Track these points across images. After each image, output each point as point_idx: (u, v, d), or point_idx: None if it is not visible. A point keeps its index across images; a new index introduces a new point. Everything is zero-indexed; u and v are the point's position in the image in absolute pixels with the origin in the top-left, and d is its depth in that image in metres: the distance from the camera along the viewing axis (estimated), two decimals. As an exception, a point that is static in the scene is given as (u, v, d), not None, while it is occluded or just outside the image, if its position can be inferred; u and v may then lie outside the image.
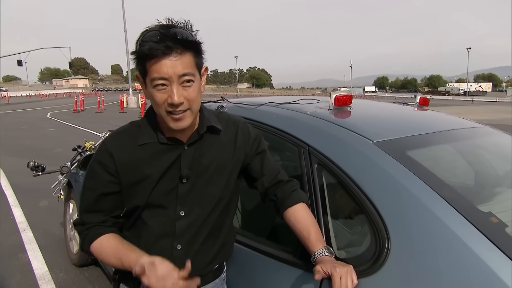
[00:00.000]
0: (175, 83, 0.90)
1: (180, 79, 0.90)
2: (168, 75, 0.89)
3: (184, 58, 0.90)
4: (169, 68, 0.88)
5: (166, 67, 0.88)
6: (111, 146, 1.01)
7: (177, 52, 0.89)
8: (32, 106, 25.15)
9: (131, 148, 1.00)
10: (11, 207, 4.32)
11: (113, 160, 0.99)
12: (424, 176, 1.03)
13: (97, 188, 1.01)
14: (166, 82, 0.90)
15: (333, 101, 1.49)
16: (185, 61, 0.90)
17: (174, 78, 0.90)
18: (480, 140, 1.59)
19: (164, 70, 0.88)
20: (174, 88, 0.90)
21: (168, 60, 0.88)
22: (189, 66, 0.91)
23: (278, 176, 1.13)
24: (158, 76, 0.89)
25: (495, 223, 0.96)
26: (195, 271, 1.07)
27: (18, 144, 8.92)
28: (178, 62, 0.89)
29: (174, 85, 0.90)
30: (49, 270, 2.87)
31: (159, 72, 0.88)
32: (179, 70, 0.89)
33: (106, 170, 1.00)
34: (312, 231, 1.02)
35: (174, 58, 0.88)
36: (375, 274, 0.92)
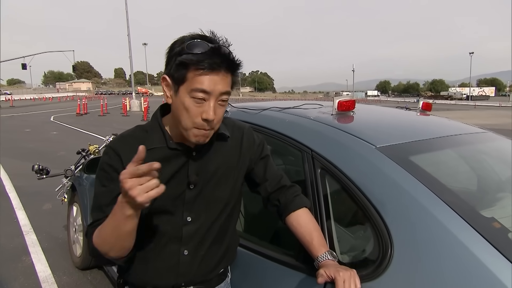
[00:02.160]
0: (213, 99, 0.90)
1: (218, 97, 0.91)
2: (211, 90, 0.89)
3: (228, 77, 0.92)
4: (213, 84, 0.89)
5: (211, 83, 0.88)
6: (119, 148, 0.99)
7: (224, 71, 0.90)
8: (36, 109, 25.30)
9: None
10: (15, 209, 4.34)
11: (121, 161, 0.97)
12: (427, 181, 1.04)
13: (113, 189, 0.96)
14: (205, 97, 0.89)
15: (336, 106, 1.50)
16: (227, 80, 0.92)
17: (215, 95, 0.90)
18: (482, 146, 1.60)
19: (209, 84, 0.88)
20: (212, 104, 0.90)
21: (215, 76, 0.89)
22: (228, 85, 0.93)
23: (281, 181, 1.13)
24: (201, 88, 0.88)
25: (497, 228, 0.96)
26: (202, 276, 1.08)
27: (22, 147, 8.97)
28: (222, 80, 0.90)
29: (212, 101, 0.90)
30: (53, 273, 2.88)
31: (203, 85, 0.88)
32: (221, 88, 0.90)
33: (115, 170, 0.96)
34: (315, 235, 1.03)
35: (220, 76, 0.89)
36: (378, 279, 0.93)
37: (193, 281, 1.07)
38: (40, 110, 24.45)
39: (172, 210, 1.01)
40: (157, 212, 1.00)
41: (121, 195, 0.81)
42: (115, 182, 0.96)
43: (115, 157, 0.98)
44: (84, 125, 14.16)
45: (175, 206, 1.01)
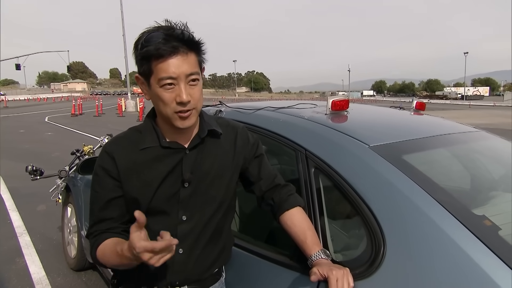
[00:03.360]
0: (182, 82, 0.92)
1: (187, 78, 0.93)
2: (176, 74, 0.91)
3: (190, 58, 0.93)
4: (177, 68, 0.90)
5: (174, 67, 0.90)
6: (113, 151, 1.01)
7: (183, 52, 0.91)
8: (30, 110, 25.12)
9: (132, 153, 1.00)
10: (9, 211, 4.30)
11: (115, 165, 0.99)
12: (420, 180, 1.05)
13: (104, 194, 1.00)
14: (174, 82, 0.91)
15: (330, 106, 1.51)
16: (191, 61, 0.93)
17: (182, 77, 0.92)
18: (475, 144, 1.61)
19: (172, 69, 0.90)
20: (182, 87, 0.92)
21: (175, 59, 0.90)
22: (194, 66, 0.94)
23: (275, 180, 1.14)
24: (166, 76, 0.90)
25: (488, 226, 0.97)
26: (196, 275, 1.08)
27: (16, 148, 8.90)
28: (185, 62, 0.91)
29: (182, 84, 0.92)
30: (47, 275, 2.86)
31: (167, 72, 0.90)
32: (186, 69, 0.92)
33: (109, 175, 1.00)
34: (308, 234, 1.03)
35: (181, 58, 0.91)
36: (371, 277, 0.93)
37: (187, 280, 1.07)
38: (35, 110, 24.27)
39: (167, 209, 1.02)
40: (153, 211, 1.01)
41: (130, 249, 0.80)
42: (107, 187, 1.00)
43: (108, 161, 1.00)
44: (79, 126, 14.08)
45: (170, 205, 1.02)
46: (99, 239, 0.99)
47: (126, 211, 1.03)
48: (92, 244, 1.00)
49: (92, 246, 1.00)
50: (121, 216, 1.02)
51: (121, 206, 1.02)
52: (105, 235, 0.99)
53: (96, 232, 1.00)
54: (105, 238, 0.98)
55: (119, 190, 1.00)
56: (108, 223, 1.01)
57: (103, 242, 0.98)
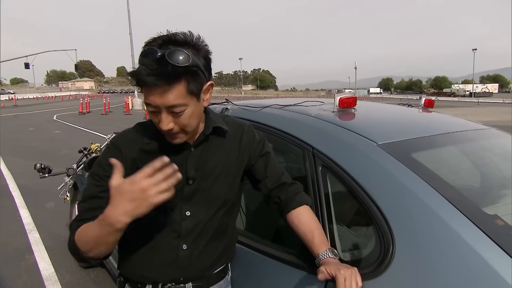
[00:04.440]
0: (164, 112, 0.90)
1: (168, 109, 0.89)
2: (156, 104, 0.88)
3: (175, 89, 0.86)
4: (157, 99, 0.87)
5: (154, 97, 0.87)
6: (119, 143, 1.02)
7: (167, 82, 0.85)
8: (39, 108, 25.39)
9: (138, 147, 1.01)
10: (18, 208, 4.36)
11: (121, 156, 0.99)
12: (429, 178, 1.03)
13: (103, 183, 0.97)
14: (155, 109, 0.90)
15: (338, 103, 1.49)
16: (176, 92, 0.87)
17: (162, 108, 0.89)
18: (485, 142, 1.58)
19: (152, 99, 0.88)
20: (163, 117, 0.90)
21: (156, 91, 0.86)
22: (179, 97, 0.88)
23: (281, 178, 1.13)
24: (147, 103, 0.89)
25: (501, 225, 0.95)
26: (200, 272, 1.08)
27: (25, 146, 9.01)
28: (168, 94, 0.86)
29: (163, 114, 0.90)
30: (56, 271, 2.89)
31: (148, 100, 0.89)
32: (168, 102, 0.87)
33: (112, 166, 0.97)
34: (316, 233, 1.03)
35: (163, 89, 0.86)
36: (379, 277, 0.92)
37: (192, 277, 1.07)
38: (43, 109, 24.53)
39: (171, 205, 1.02)
40: (156, 207, 1.00)
41: (112, 209, 0.81)
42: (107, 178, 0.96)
43: (115, 151, 1.00)
44: (87, 124, 14.20)
45: (174, 201, 1.01)
46: (80, 224, 0.93)
47: None
48: (73, 229, 0.94)
49: (72, 231, 0.94)
50: None
51: None
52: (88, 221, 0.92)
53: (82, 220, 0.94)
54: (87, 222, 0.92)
55: None
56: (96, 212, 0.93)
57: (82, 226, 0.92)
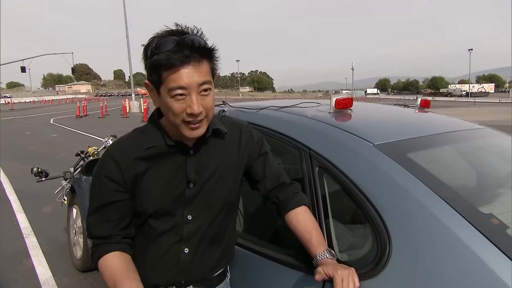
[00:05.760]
0: (194, 92, 0.89)
1: (199, 88, 0.90)
2: (188, 84, 0.87)
3: (202, 66, 0.89)
4: (188, 78, 0.87)
5: (185, 77, 0.87)
6: (116, 154, 0.99)
7: (195, 60, 0.87)
8: (36, 112, 25.31)
9: (137, 153, 0.99)
10: (15, 212, 4.34)
11: (119, 168, 0.97)
12: (425, 178, 1.04)
13: (104, 198, 0.99)
14: (185, 92, 0.88)
15: (334, 104, 1.50)
16: (203, 69, 0.89)
17: (193, 88, 0.88)
18: (481, 142, 1.59)
19: (183, 79, 0.87)
20: (193, 98, 0.89)
21: (186, 69, 0.87)
22: (206, 74, 0.90)
23: (280, 179, 1.13)
24: (177, 86, 0.87)
25: (496, 224, 0.96)
26: (202, 275, 1.08)
27: (22, 150, 8.97)
28: (197, 71, 0.88)
29: (194, 95, 0.89)
30: (53, 276, 2.88)
31: (178, 82, 0.87)
32: (198, 79, 0.88)
33: (112, 180, 0.98)
34: (313, 234, 1.03)
35: (192, 67, 0.87)
36: (377, 277, 0.92)
37: (193, 280, 1.07)
38: (40, 112, 24.46)
39: (173, 208, 1.01)
40: (158, 212, 1.01)
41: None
42: (109, 190, 0.99)
43: (112, 164, 0.98)
44: (84, 127, 14.16)
45: (176, 204, 1.01)
46: (100, 251, 1.00)
47: (126, 215, 1.02)
48: (93, 251, 1.02)
49: (93, 253, 1.02)
50: (121, 220, 1.01)
51: (121, 210, 1.00)
52: (106, 247, 0.99)
53: (97, 241, 1.01)
54: (106, 251, 0.99)
55: (120, 195, 0.99)
56: (106, 227, 1.00)
57: (104, 258, 0.99)
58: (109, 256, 0.98)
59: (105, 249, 0.99)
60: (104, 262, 0.98)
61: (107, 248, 0.99)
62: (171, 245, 1.03)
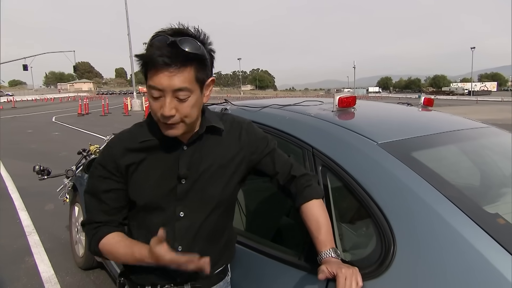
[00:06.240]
0: (169, 95, 0.90)
1: (174, 93, 0.90)
2: (163, 87, 0.88)
3: (184, 72, 0.88)
4: (165, 81, 0.87)
5: (162, 79, 0.87)
6: (113, 145, 1.04)
7: (177, 65, 0.87)
8: (38, 110, 25.37)
9: (131, 146, 1.02)
10: (18, 210, 4.35)
11: (114, 158, 1.01)
12: (430, 177, 1.03)
13: (102, 185, 1.02)
14: (160, 94, 0.90)
15: (337, 103, 1.49)
16: (184, 76, 0.89)
17: (168, 91, 0.89)
18: (485, 141, 1.58)
19: (160, 81, 0.88)
20: (167, 101, 0.90)
21: (166, 72, 0.87)
22: (186, 81, 0.89)
23: (291, 172, 1.11)
24: (153, 86, 0.89)
25: (502, 224, 0.95)
26: (198, 273, 1.07)
27: (24, 148, 8.99)
28: (176, 76, 0.88)
29: (168, 98, 0.90)
30: (55, 273, 2.88)
31: (155, 82, 0.88)
32: (175, 84, 0.88)
33: (107, 169, 1.01)
34: (322, 231, 1.01)
35: (172, 71, 0.87)
36: (381, 277, 0.91)
37: (190, 278, 1.07)
38: (42, 111, 24.51)
39: (164, 204, 1.02)
40: (150, 206, 1.03)
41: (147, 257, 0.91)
42: (105, 178, 1.02)
43: (108, 154, 1.03)
44: (86, 125, 14.18)
45: (167, 200, 1.02)
46: (100, 233, 1.01)
47: (124, 204, 1.04)
48: (91, 236, 1.02)
49: (92, 238, 1.02)
50: (119, 208, 1.04)
51: (119, 198, 1.03)
52: (106, 229, 1.02)
53: (96, 225, 1.02)
54: (106, 232, 1.01)
55: (117, 184, 1.02)
56: (104, 215, 1.02)
57: (107, 236, 1.00)
58: (115, 234, 1.01)
59: (107, 230, 1.01)
60: (108, 239, 1.00)
61: (107, 229, 1.01)
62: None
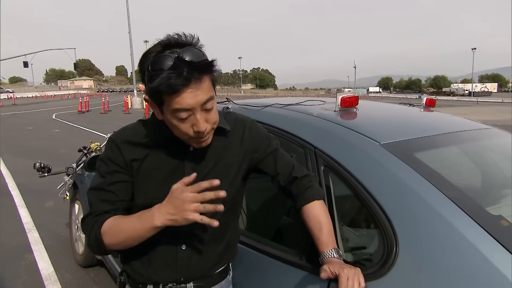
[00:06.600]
0: (198, 112, 0.88)
1: (202, 107, 0.89)
2: (191, 106, 0.86)
3: (203, 84, 0.87)
4: (191, 99, 0.85)
5: (188, 98, 0.85)
6: (118, 140, 1.01)
7: (196, 79, 0.85)
8: (38, 107, 25.34)
9: (137, 144, 1.00)
10: (18, 207, 4.35)
11: (120, 153, 0.99)
12: (432, 178, 1.02)
13: (109, 177, 1.00)
14: (189, 113, 0.88)
15: (339, 103, 1.48)
16: (205, 87, 0.87)
17: (197, 108, 0.88)
18: (487, 142, 1.58)
19: (186, 102, 0.85)
20: (198, 117, 0.88)
21: (189, 91, 0.84)
22: (209, 90, 0.89)
23: (292, 173, 1.11)
24: (181, 108, 0.86)
25: (505, 226, 0.95)
26: (201, 272, 1.07)
27: (24, 145, 8.98)
28: (199, 90, 0.86)
29: (198, 114, 0.88)
30: (55, 271, 2.88)
31: (181, 104, 0.85)
32: (202, 98, 0.87)
33: (113, 161, 0.99)
34: (324, 231, 1.01)
35: (194, 87, 0.85)
36: (383, 278, 0.91)
37: (192, 277, 1.07)
38: (42, 108, 24.48)
39: None
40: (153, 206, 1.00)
41: (159, 207, 0.89)
42: (112, 171, 1.01)
43: (114, 148, 1.01)
44: (86, 123, 14.18)
45: None
46: (100, 219, 0.96)
47: (129, 198, 1.02)
48: (92, 225, 0.96)
49: (92, 227, 0.96)
50: (124, 201, 1.01)
51: (125, 190, 1.00)
52: (107, 215, 0.97)
53: (98, 212, 0.98)
54: (108, 217, 0.96)
55: (124, 176, 1.00)
56: (108, 204, 0.99)
57: (109, 219, 0.96)
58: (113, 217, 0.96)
59: (107, 216, 0.97)
60: (110, 221, 0.95)
61: (109, 215, 0.97)
62: (168, 242, 1.02)
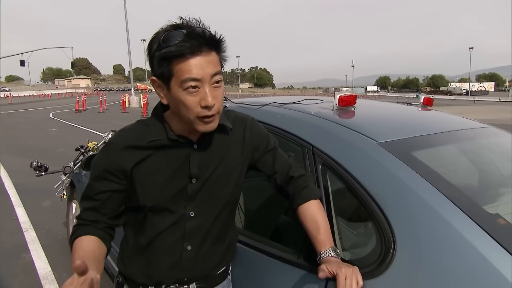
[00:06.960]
0: (207, 84, 0.87)
1: (211, 80, 0.88)
2: (200, 75, 0.85)
3: (212, 57, 0.88)
4: (201, 69, 0.85)
5: (198, 68, 0.85)
6: (117, 143, 0.97)
7: (206, 51, 0.86)
8: (35, 106, 25.23)
9: (139, 146, 0.97)
10: (14, 206, 4.33)
11: (118, 158, 0.95)
12: (430, 177, 1.03)
13: (100, 185, 0.97)
14: (198, 84, 0.86)
15: (337, 102, 1.48)
16: (214, 60, 0.88)
17: (206, 79, 0.86)
18: (485, 141, 1.58)
19: (195, 70, 0.85)
20: (207, 90, 0.87)
21: (198, 59, 0.85)
22: (217, 65, 0.89)
23: (289, 173, 1.11)
24: (190, 77, 0.85)
25: (503, 224, 0.95)
26: (204, 272, 1.07)
27: (21, 144, 8.94)
28: (209, 61, 0.86)
29: (207, 87, 0.87)
30: (52, 270, 2.87)
31: (191, 73, 0.85)
32: (211, 70, 0.86)
33: (109, 170, 0.96)
34: (321, 230, 1.01)
35: (204, 57, 0.85)
36: (381, 276, 0.91)
37: (196, 277, 1.06)
38: (39, 107, 24.38)
39: (174, 204, 0.99)
40: (159, 206, 0.99)
41: None
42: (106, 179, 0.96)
43: (113, 153, 0.97)
44: (83, 122, 14.13)
45: (177, 200, 0.99)
46: (80, 231, 0.96)
47: (119, 206, 1.00)
48: (74, 231, 0.97)
49: (72, 233, 0.97)
50: (112, 209, 0.99)
51: (115, 200, 0.98)
52: (88, 228, 0.96)
53: (81, 221, 0.98)
54: (86, 232, 0.95)
55: (114, 185, 0.97)
56: (96, 214, 0.97)
57: (80, 238, 0.94)
58: (88, 238, 0.95)
59: (86, 231, 0.96)
60: (81, 242, 0.94)
61: (89, 229, 0.96)
62: (173, 242, 1.02)
